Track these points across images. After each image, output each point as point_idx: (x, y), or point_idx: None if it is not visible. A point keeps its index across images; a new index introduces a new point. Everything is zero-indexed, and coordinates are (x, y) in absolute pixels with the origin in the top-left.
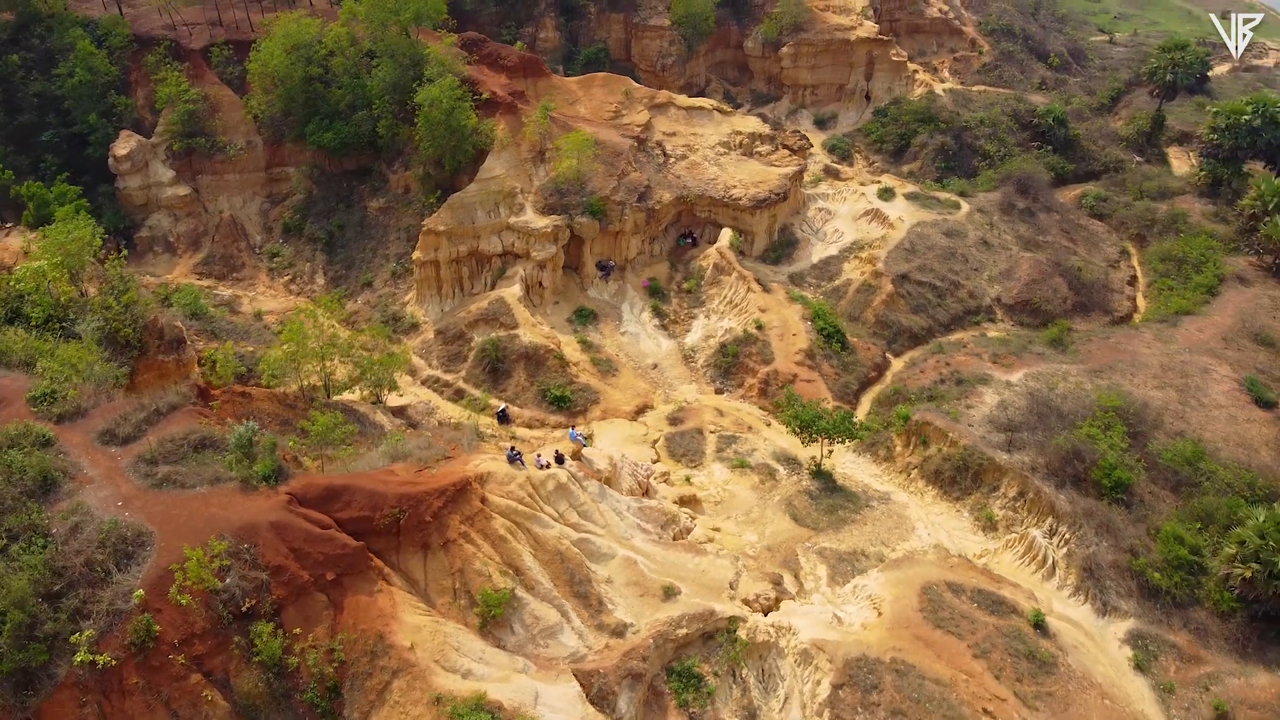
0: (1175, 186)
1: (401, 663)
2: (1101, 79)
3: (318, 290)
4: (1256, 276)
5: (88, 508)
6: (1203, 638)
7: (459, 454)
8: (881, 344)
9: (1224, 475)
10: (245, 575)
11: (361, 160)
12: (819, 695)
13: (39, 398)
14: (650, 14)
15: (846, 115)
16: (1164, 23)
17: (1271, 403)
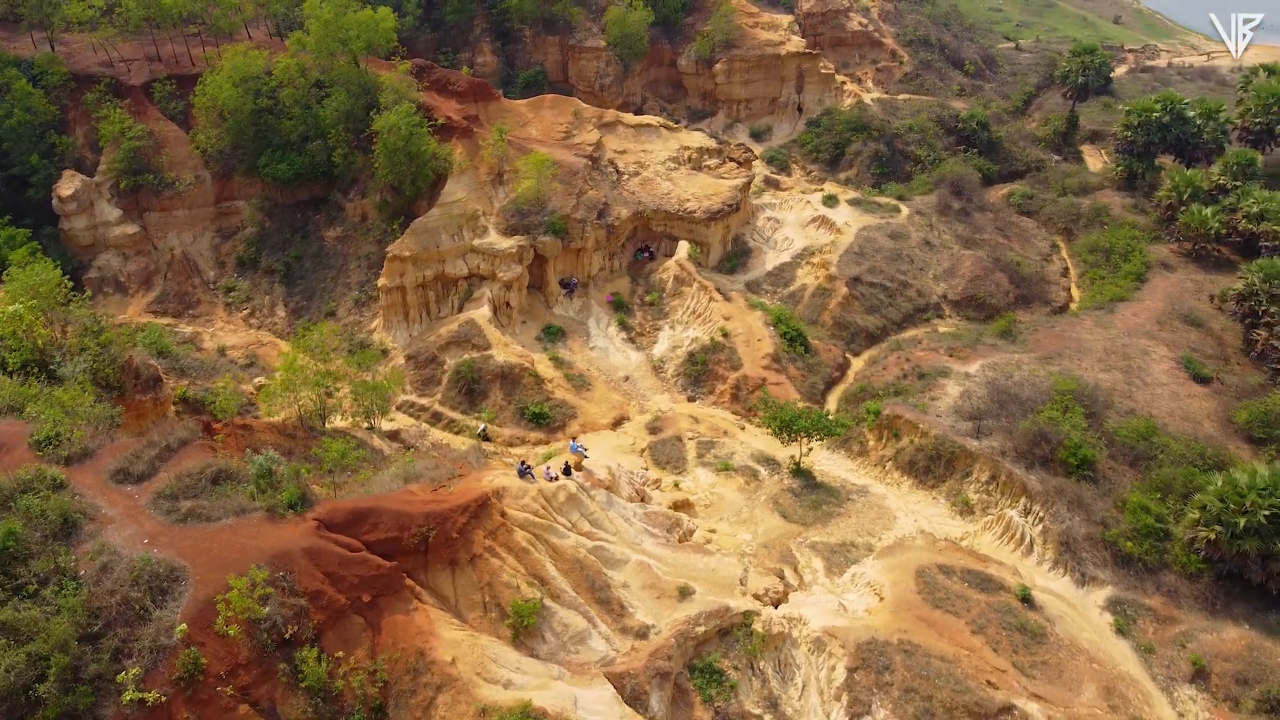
0: (1094, 182)
1: (444, 678)
2: (1013, 84)
3: (279, 323)
4: (1179, 263)
5: (114, 547)
6: (1175, 599)
7: (469, 471)
8: (841, 345)
9: (1176, 447)
10: (284, 602)
11: (315, 190)
12: (835, 680)
13: (43, 441)
14: (586, 36)
15: (781, 127)
16: (1062, 28)
17: (1207, 378)
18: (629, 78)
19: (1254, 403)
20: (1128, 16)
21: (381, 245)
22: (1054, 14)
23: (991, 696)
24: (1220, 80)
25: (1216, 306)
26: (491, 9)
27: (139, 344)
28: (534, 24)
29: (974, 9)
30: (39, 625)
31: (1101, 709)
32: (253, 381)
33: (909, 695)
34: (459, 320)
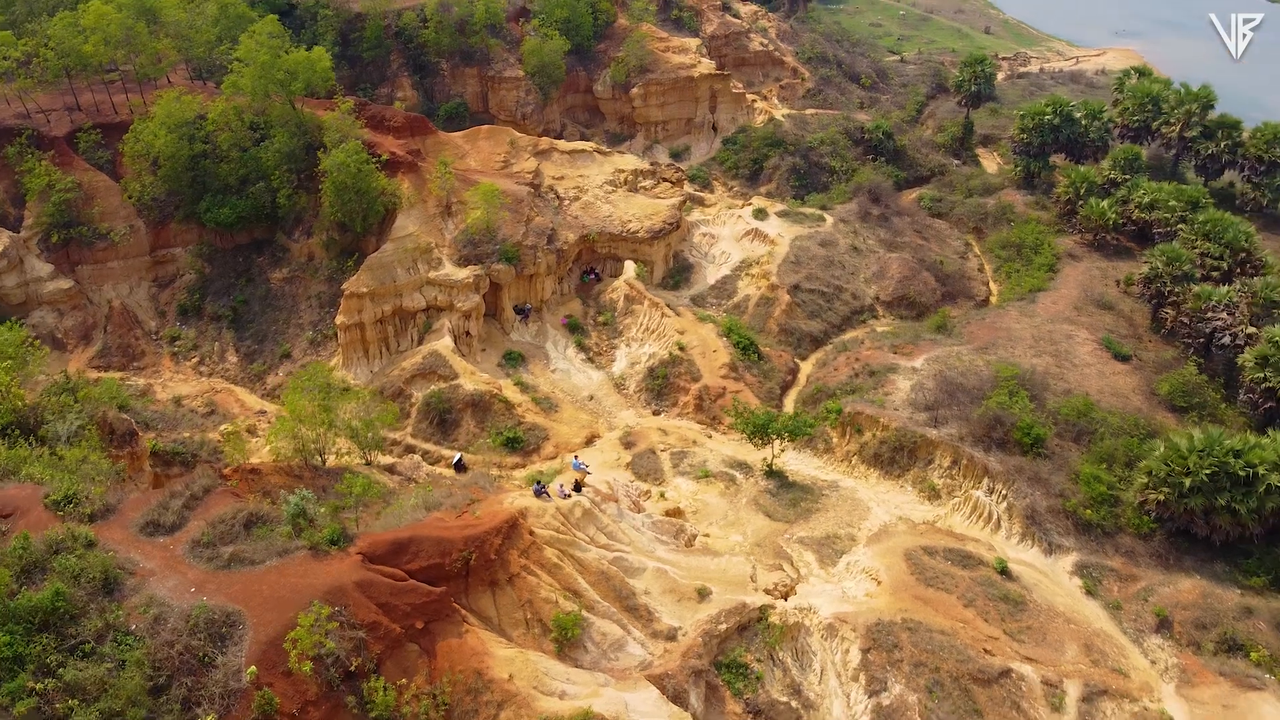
0: (996, 183)
1: (504, 694)
2: (904, 94)
3: (231, 368)
4: (1083, 252)
5: (162, 599)
6: (1133, 558)
7: (484, 496)
8: (789, 350)
9: (1113, 421)
10: (345, 636)
11: (256, 233)
12: (850, 662)
13: (60, 501)
14: (504, 66)
15: (698, 147)
16: (939, 40)
17: (1127, 356)
18: (548, 105)
19: (1172, 375)
20: (996, 27)
21: (332, 284)
22: (930, 27)
23: (990, 663)
24: (1088, 83)
25: (1123, 290)
26: (408, 44)
27: (99, 399)
28: (451, 57)
29: (856, 25)
30: (106, 683)
31: (1085, 664)
32: (219, 429)
33: (919, 669)
34: (422, 352)
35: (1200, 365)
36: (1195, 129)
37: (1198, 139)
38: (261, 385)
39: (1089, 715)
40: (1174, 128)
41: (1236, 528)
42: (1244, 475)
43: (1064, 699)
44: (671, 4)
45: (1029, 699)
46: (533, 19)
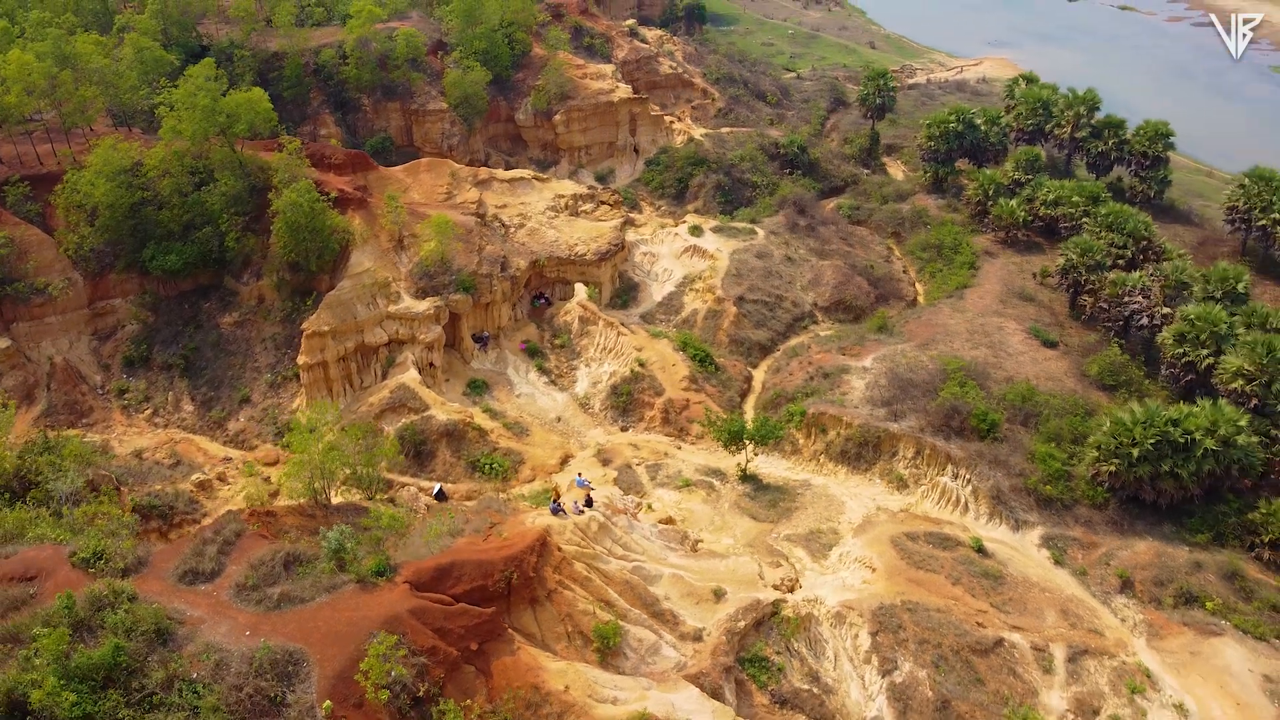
0: (907, 189)
1: (563, 705)
2: (807, 109)
3: (187, 417)
4: (998, 249)
5: (219, 644)
6: (1091, 527)
7: (502, 519)
8: (740, 359)
9: (1055, 403)
10: (408, 663)
11: (200, 279)
12: (861, 645)
13: (90, 559)
14: (427, 99)
15: (622, 169)
16: (830, 56)
17: (1054, 342)
18: (472, 136)
19: (1100, 356)
20: (880, 42)
21: (287, 325)
22: (819, 44)
23: (984, 634)
24: (973, 91)
25: (1039, 282)
26: (328, 81)
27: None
28: (373, 92)
29: (749, 45)
30: None
31: (1065, 628)
32: (190, 479)
33: (924, 646)
34: (389, 387)
35: (1121, 346)
36: (1084, 130)
37: (1087, 139)
38: (223, 432)
39: (1076, 674)
40: (1065, 129)
41: (1179, 491)
42: (1183, 442)
43: (1053, 661)
44: (583, 32)
45: (1022, 664)
46: (452, 51)
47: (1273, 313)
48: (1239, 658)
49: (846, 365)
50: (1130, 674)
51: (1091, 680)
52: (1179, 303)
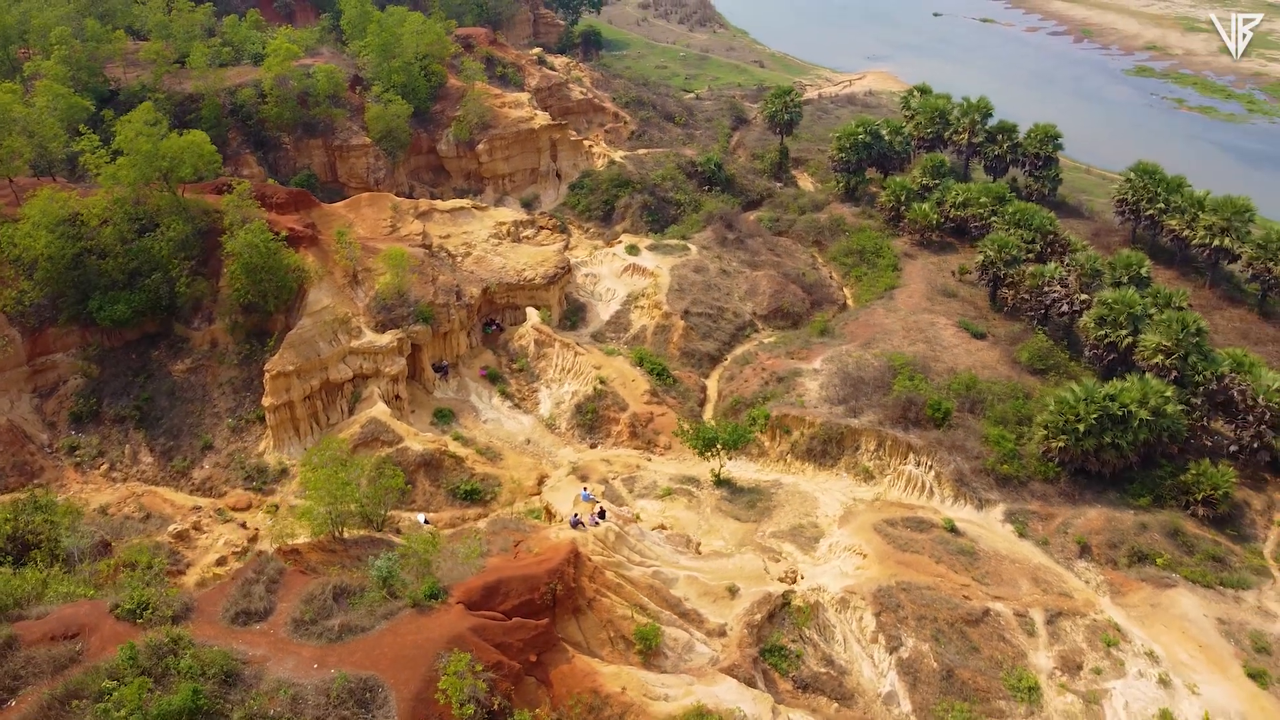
0: (821, 199)
1: (623, 706)
2: (711, 128)
3: (147, 469)
4: (916, 251)
5: (290, 680)
6: (1047, 500)
7: (524, 536)
8: (693, 370)
9: (996, 389)
10: (480, 678)
11: (147, 328)
12: (867, 627)
13: (134, 610)
14: (350, 135)
15: (546, 195)
16: (723, 76)
17: (982, 334)
18: (397, 169)
19: (1028, 344)
20: (767, 61)
21: (244, 368)
22: (710, 65)
23: (972, 606)
24: (863, 103)
25: (959, 279)
26: (247, 120)
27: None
28: (294, 130)
29: (643, 68)
30: None
31: (1038, 594)
32: (167, 531)
33: (922, 622)
34: (359, 421)
35: (1045, 333)
36: (980, 135)
37: (984, 143)
38: (188, 481)
39: (1056, 634)
40: (963, 135)
41: (1120, 460)
42: (1120, 415)
43: (1034, 625)
44: (494, 62)
45: (1009, 630)
46: (372, 86)
47: (1175, 293)
48: (1193, 605)
49: (798, 369)
50: (1103, 629)
51: (1070, 639)
52: (1093, 290)
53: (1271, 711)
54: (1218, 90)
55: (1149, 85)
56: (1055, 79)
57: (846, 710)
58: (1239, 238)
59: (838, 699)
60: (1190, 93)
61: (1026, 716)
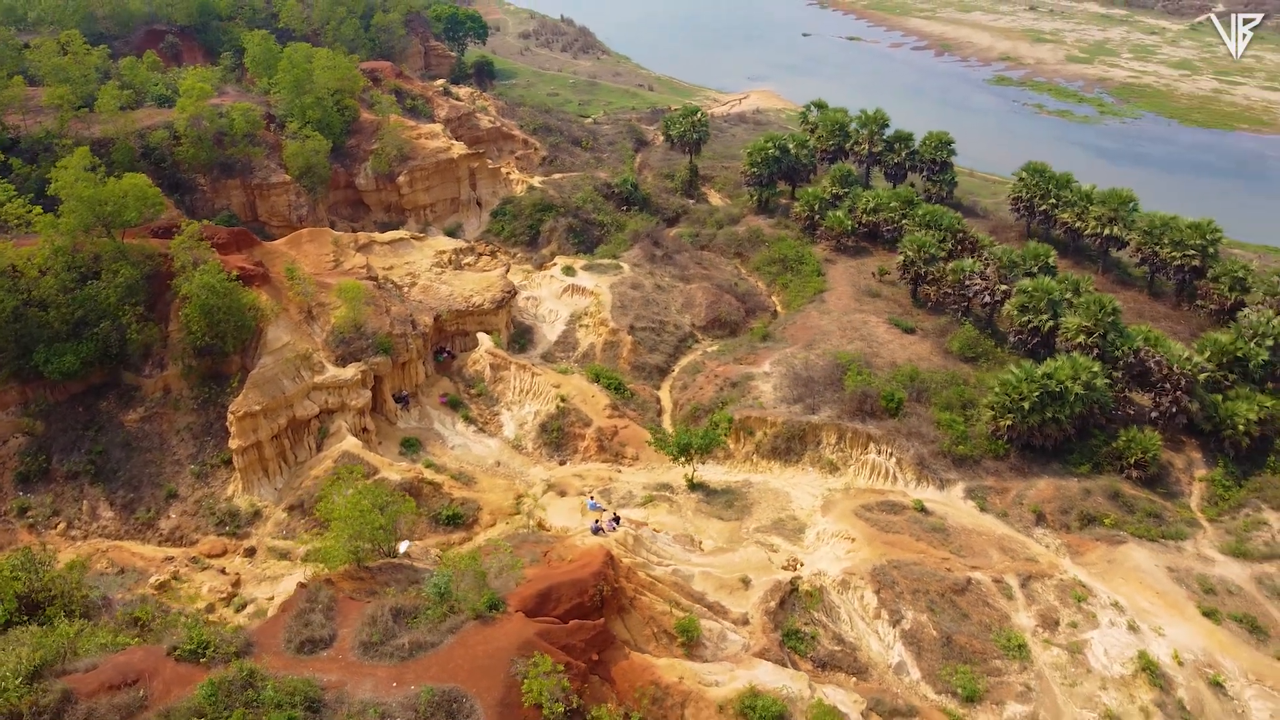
0: (736, 212)
1: (682, 695)
2: (615, 150)
3: (109, 524)
4: (834, 257)
5: (373, 700)
6: (1000, 475)
7: (549, 547)
8: (645, 382)
9: (936, 378)
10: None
11: (91, 379)
12: (869, 604)
13: (195, 650)
14: (269, 173)
15: (469, 223)
16: (615, 101)
17: (912, 329)
18: (318, 205)
19: (958, 334)
20: (654, 84)
21: (202, 413)
22: (600, 90)
23: (956, 577)
24: (754, 121)
25: (879, 280)
26: (160, 163)
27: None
28: (210, 170)
29: (535, 95)
30: None
31: (1008, 561)
32: (149, 583)
33: (917, 595)
34: (332, 456)
35: (971, 323)
36: (879, 144)
37: (883, 152)
38: (155, 532)
39: (1031, 596)
40: (863, 146)
41: (1060, 433)
42: (1058, 391)
43: (1011, 589)
44: (403, 94)
45: (990, 596)
46: (285, 123)
47: (1081, 279)
48: (1144, 558)
49: (749, 373)
50: (1070, 587)
51: (1044, 599)
52: (1010, 281)
53: (1227, 643)
54: (1070, 95)
55: (1009, 93)
56: (925, 90)
57: (864, 683)
58: (1127, 226)
59: (855, 674)
60: (1047, 98)
61: (1021, 672)
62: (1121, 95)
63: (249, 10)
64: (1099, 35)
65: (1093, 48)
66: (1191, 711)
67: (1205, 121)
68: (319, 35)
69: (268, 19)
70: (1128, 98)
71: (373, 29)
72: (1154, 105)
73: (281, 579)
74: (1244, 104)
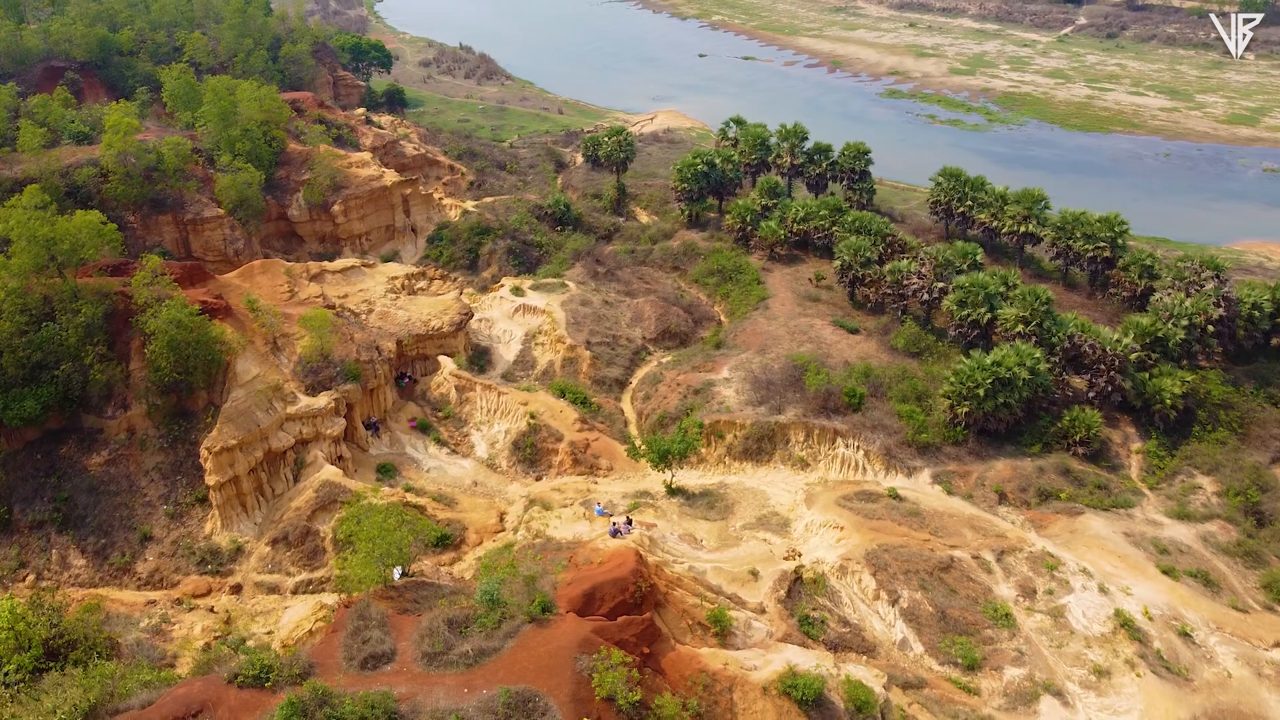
0: (669, 227)
1: (729, 680)
2: (536, 173)
3: (81, 572)
4: (770, 265)
5: (450, 707)
6: (961, 460)
7: (574, 551)
8: (606, 396)
9: (889, 373)
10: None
11: (48, 425)
12: (867, 587)
13: (259, 675)
14: (201, 207)
15: (405, 250)
16: (527, 125)
17: (855, 329)
18: (251, 238)
19: (901, 331)
20: (564, 108)
21: (170, 452)
22: (510, 115)
23: (939, 556)
24: (668, 140)
25: (816, 285)
26: (87, 202)
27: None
28: (140, 207)
29: (446, 122)
30: None
31: (980, 539)
32: (140, 626)
33: (908, 575)
34: (313, 486)
35: (913, 320)
36: (801, 157)
37: (805, 164)
38: (132, 577)
39: (1008, 569)
40: (785, 159)
41: (1011, 417)
42: (1008, 378)
43: (989, 564)
44: (328, 124)
45: (972, 571)
46: (217, 156)
47: (1009, 273)
48: (1102, 526)
49: (710, 380)
50: (1041, 558)
51: (1019, 570)
52: (946, 278)
53: (1188, 597)
54: (959, 105)
55: (903, 105)
56: (824, 105)
57: (874, 660)
58: (1040, 223)
59: (864, 652)
60: (938, 109)
61: (1011, 639)
62: (1005, 104)
63: (151, 45)
64: (976, 48)
65: (973, 60)
66: (1169, 660)
67: (1085, 125)
68: (226, 68)
69: (170, 53)
70: (1011, 106)
71: (281, 60)
72: (1036, 112)
73: (277, 612)
74: (1115, 108)
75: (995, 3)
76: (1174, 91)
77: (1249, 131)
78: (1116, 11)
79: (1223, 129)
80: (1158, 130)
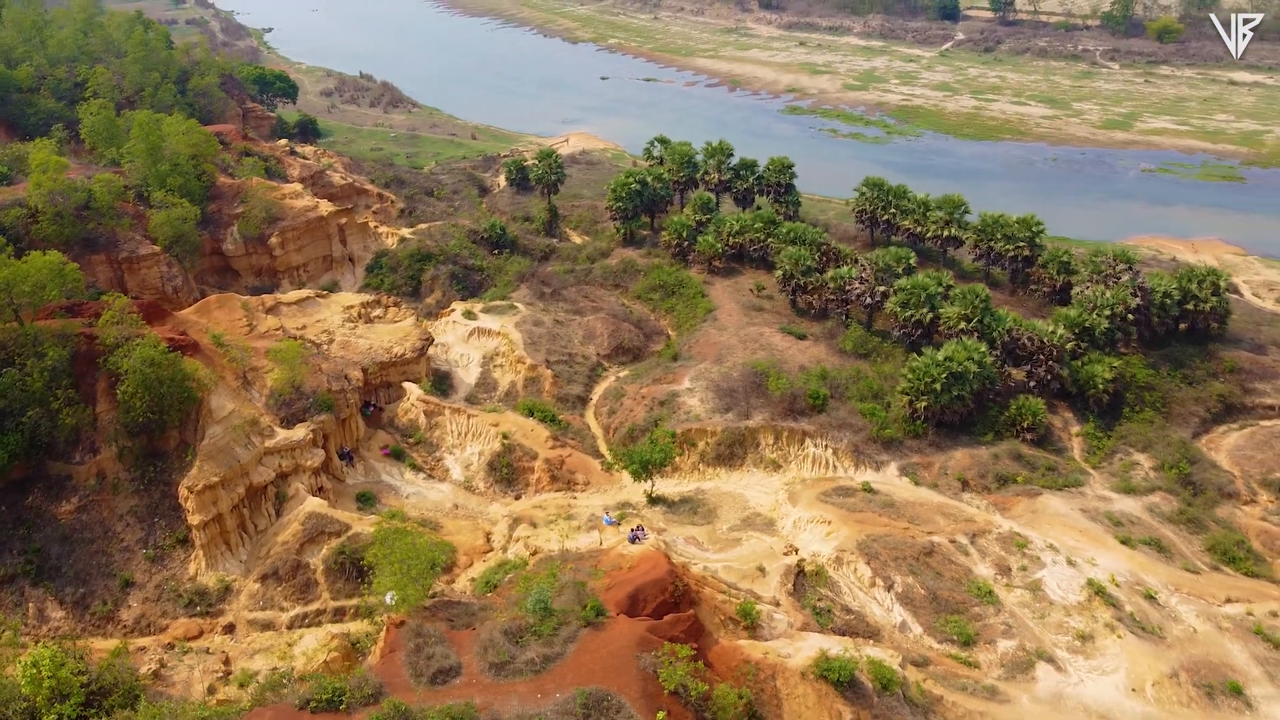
0: (605, 246)
1: (770, 668)
2: (462, 198)
3: (61, 623)
4: (711, 279)
5: (527, 712)
6: (923, 452)
7: (596, 558)
8: (570, 413)
9: (844, 374)
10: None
11: (11, 475)
12: (863, 575)
13: (332, 699)
14: (136, 245)
15: (345, 279)
16: (443, 151)
17: (803, 335)
18: (188, 275)
19: (849, 335)
20: (476, 133)
21: (145, 495)
22: (424, 142)
23: (921, 542)
24: (587, 161)
25: (758, 295)
26: (17, 242)
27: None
28: (71, 246)
29: (358, 150)
30: None
31: (952, 524)
32: (139, 672)
33: (897, 561)
34: (298, 519)
35: (858, 324)
36: (727, 173)
37: (732, 179)
38: (117, 625)
39: (983, 550)
40: (713, 175)
41: (964, 408)
42: (960, 372)
43: (965, 547)
44: (253, 156)
45: (951, 554)
46: (149, 192)
47: (943, 275)
48: (1060, 504)
49: (673, 391)
50: (1010, 538)
51: (993, 551)
52: (886, 282)
53: (1146, 564)
54: (857, 119)
55: (804, 120)
56: (729, 122)
57: (880, 643)
58: (962, 226)
59: (869, 637)
60: (838, 123)
61: (997, 614)
62: (900, 116)
63: (52, 81)
64: (866, 65)
65: (864, 76)
66: (1142, 621)
67: (976, 134)
68: (134, 103)
69: (72, 89)
70: (906, 118)
71: (190, 93)
72: (930, 123)
73: (279, 647)
74: (1002, 117)
75: (878, 21)
76: (1052, 100)
77: (1124, 135)
78: (991, 27)
79: (1100, 134)
80: (1042, 137)
